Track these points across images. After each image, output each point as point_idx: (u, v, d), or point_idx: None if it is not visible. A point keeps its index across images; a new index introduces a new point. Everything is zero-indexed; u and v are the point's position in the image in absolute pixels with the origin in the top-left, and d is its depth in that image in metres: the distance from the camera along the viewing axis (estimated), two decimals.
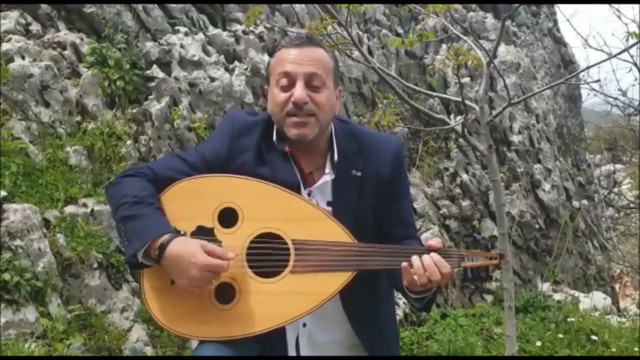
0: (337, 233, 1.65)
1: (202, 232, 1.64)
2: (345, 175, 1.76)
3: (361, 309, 1.78)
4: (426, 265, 1.58)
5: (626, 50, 3.23)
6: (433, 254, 1.60)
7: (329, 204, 1.76)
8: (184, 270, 1.56)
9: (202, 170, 1.72)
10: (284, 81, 1.70)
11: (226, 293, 1.63)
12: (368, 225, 1.77)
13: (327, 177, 1.76)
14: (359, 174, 1.77)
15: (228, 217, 1.66)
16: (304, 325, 1.76)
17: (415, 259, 1.60)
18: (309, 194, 1.75)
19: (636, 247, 8.41)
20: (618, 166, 12.21)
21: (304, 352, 1.76)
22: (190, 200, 1.67)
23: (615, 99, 7.36)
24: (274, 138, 1.76)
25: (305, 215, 1.66)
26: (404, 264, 1.60)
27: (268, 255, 1.63)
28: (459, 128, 3.13)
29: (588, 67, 3.32)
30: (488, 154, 3.16)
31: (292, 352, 1.75)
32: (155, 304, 1.64)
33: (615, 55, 3.47)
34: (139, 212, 1.61)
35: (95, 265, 3.20)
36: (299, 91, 1.67)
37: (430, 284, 1.59)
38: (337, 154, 1.76)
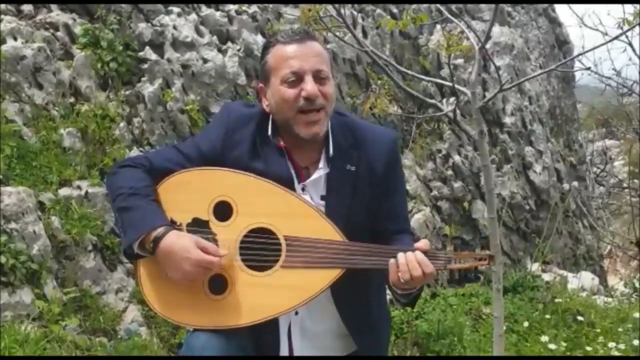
0: (328, 231, 1.68)
1: (198, 224, 1.67)
2: (340, 170, 1.77)
3: (350, 300, 1.81)
4: (409, 261, 1.61)
5: (621, 35, 3.25)
6: (417, 253, 1.63)
7: (322, 198, 1.78)
8: (177, 264, 1.60)
9: (197, 161, 1.74)
10: (291, 78, 1.69)
11: (219, 284, 1.67)
12: (361, 219, 1.79)
13: (321, 171, 1.77)
14: (353, 168, 1.78)
15: (223, 211, 1.69)
16: (296, 313, 1.79)
17: (400, 255, 1.63)
18: (302, 189, 1.77)
19: (626, 225, 8.51)
20: (612, 142, 12.28)
21: (295, 340, 1.79)
22: (187, 193, 1.70)
23: (609, 78, 7.38)
24: (269, 132, 1.77)
25: (298, 212, 1.69)
26: (392, 260, 1.63)
27: (260, 249, 1.66)
28: (451, 113, 3.15)
29: (582, 53, 3.33)
30: (479, 139, 3.19)
31: (284, 340, 1.78)
32: (151, 292, 1.68)
33: (610, 41, 3.48)
34: (134, 204, 1.64)
35: (90, 247, 3.24)
36: (311, 86, 1.68)
37: (413, 281, 1.61)
38: (333, 148, 1.77)
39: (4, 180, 3.07)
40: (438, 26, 5.33)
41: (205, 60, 3.94)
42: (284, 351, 1.79)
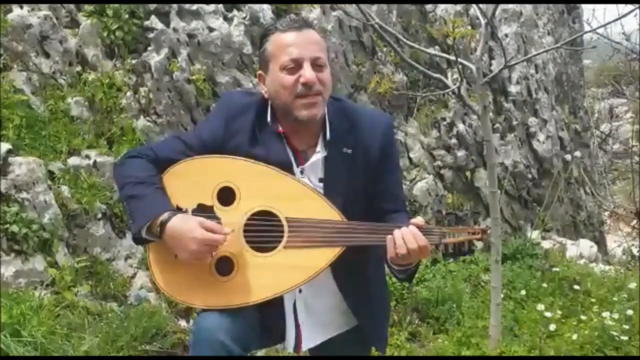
0: (327, 211, 1.76)
1: (203, 210, 1.74)
2: (337, 153, 1.84)
3: (350, 278, 1.89)
4: (404, 235, 1.70)
5: (631, 13, 3.25)
6: (412, 227, 1.71)
7: (320, 180, 1.85)
8: (184, 245, 1.67)
9: (200, 151, 1.81)
10: (290, 65, 1.74)
11: (225, 266, 1.74)
12: (358, 200, 1.86)
13: (319, 155, 1.84)
14: (349, 151, 1.84)
15: (226, 196, 1.75)
16: (300, 291, 1.87)
17: (396, 231, 1.71)
18: (301, 172, 1.84)
19: (629, 184, 8.55)
20: (619, 100, 12.20)
21: (300, 317, 1.89)
22: (191, 180, 1.76)
23: (618, 43, 7.31)
24: (268, 119, 1.83)
25: (298, 195, 1.75)
26: (389, 237, 1.71)
27: (263, 231, 1.74)
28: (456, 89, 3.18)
29: (592, 30, 3.33)
30: (482, 114, 3.23)
31: (289, 317, 1.88)
32: (161, 275, 1.76)
33: (623, 16, 3.46)
34: (141, 192, 1.72)
35: (100, 215, 3.33)
36: (309, 73, 1.73)
37: (409, 256, 1.70)
38: (330, 132, 1.83)
39: (14, 150, 3.13)
40: None
41: (211, 29, 3.93)
42: (290, 327, 1.88)
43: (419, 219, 1.75)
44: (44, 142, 3.31)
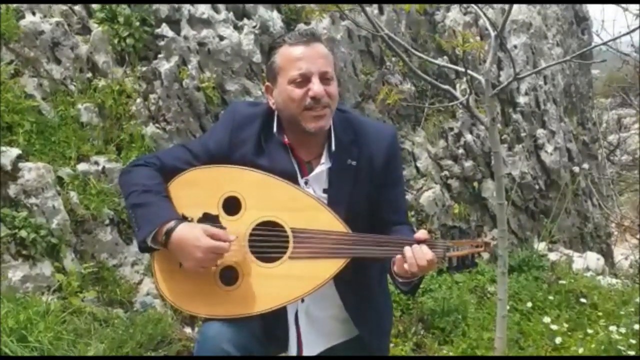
0: (332, 223, 1.78)
1: (208, 219, 1.76)
2: (341, 164, 1.87)
3: (352, 288, 1.91)
4: (416, 255, 1.71)
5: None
6: (424, 247, 1.73)
7: (324, 191, 1.88)
8: (189, 253, 1.69)
9: (205, 160, 1.83)
10: (299, 79, 1.78)
11: (230, 276, 1.76)
12: (361, 211, 1.88)
13: (324, 166, 1.87)
14: (354, 163, 1.87)
15: (232, 206, 1.77)
16: (302, 300, 1.89)
17: (407, 249, 1.73)
18: (306, 183, 1.86)
19: (637, 195, 8.50)
20: (627, 111, 12.17)
21: (302, 326, 1.91)
22: (197, 189, 1.79)
23: (627, 55, 7.29)
24: (274, 130, 1.85)
25: (304, 205, 1.77)
26: (398, 256, 1.73)
27: (269, 241, 1.76)
28: (462, 97, 3.18)
29: (603, 43, 3.33)
30: (491, 126, 3.22)
31: (292, 326, 1.90)
32: (165, 284, 1.78)
33: (633, 30, 3.46)
34: (147, 200, 1.74)
35: (107, 221, 3.34)
36: (318, 87, 1.77)
37: (419, 272, 1.72)
38: (334, 144, 1.86)
39: (23, 156, 3.16)
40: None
41: (221, 38, 3.96)
42: (292, 337, 1.90)
43: (422, 232, 1.77)
44: (54, 147, 3.34)
